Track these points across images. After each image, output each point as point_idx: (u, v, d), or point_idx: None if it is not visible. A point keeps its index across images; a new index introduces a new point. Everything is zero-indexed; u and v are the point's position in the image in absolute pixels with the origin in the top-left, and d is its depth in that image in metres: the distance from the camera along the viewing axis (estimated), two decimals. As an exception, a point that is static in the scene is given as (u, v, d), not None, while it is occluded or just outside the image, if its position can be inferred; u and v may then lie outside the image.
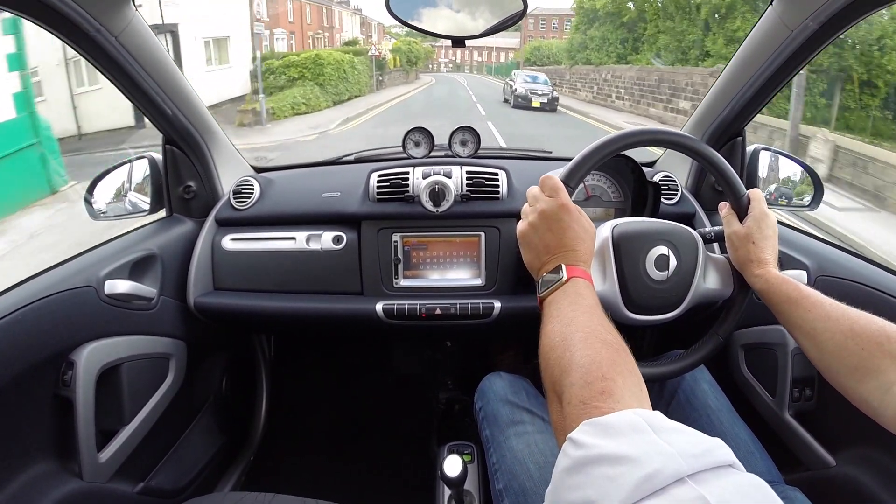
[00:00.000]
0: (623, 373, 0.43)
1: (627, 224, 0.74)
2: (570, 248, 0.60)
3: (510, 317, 0.98)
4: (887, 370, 0.51)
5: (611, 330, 0.49)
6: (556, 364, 0.47)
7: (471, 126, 1.17)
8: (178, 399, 1.03)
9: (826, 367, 0.58)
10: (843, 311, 0.57)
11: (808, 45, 0.81)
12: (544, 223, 0.62)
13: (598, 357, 0.44)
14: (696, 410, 0.78)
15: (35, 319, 0.73)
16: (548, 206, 0.62)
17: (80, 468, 0.80)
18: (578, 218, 0.62)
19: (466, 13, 0.87)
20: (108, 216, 1.05)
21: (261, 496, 0.72)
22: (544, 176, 0.66)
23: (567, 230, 0.61)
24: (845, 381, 0.55)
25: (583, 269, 0.58)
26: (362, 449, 1.42)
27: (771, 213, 0.71)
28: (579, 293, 0.55)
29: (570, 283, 0.56)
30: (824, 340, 0.57)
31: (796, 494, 0.66)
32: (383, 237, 1.03)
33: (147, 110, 0.96)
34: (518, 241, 0.65)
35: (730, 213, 0.72)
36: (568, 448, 0.37)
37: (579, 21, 21.72)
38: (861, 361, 0.53)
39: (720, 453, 0.34)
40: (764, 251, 0.68)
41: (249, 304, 1.02)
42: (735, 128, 1.03)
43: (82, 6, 0.73)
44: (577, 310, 0.52)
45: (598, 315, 0.51)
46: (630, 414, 0.37)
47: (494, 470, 0.75)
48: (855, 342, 0.54)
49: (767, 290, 0.66)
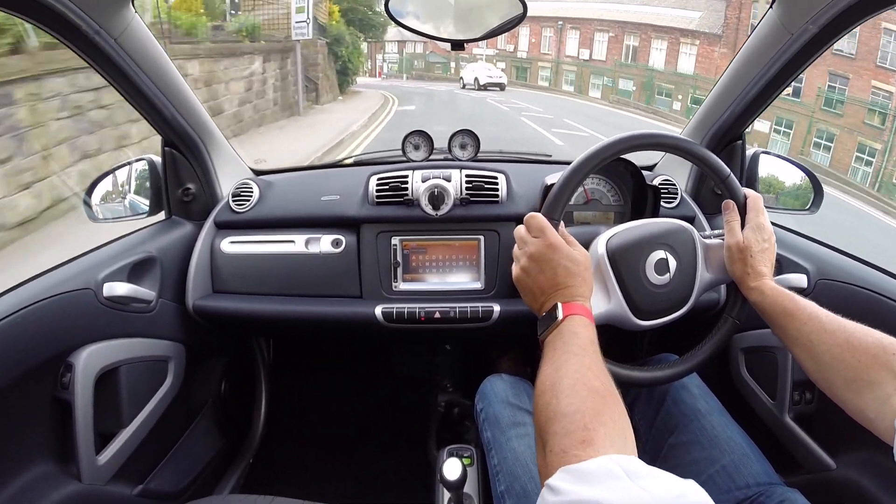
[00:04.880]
0: (606, 422, 0.44)
1: (620, 235, 0.73)
2: (564, 285, 0.61)
3: (509, 320, 0.98)
4: (884, 382, 0.51)
5: (600, 373, 0.50)
6: (544, 411, 0.48)
7: (470, 129, 1.17)
8: (177, 401, 1.03)
9: (823, 380, 0.58)
10: (839, 324, 0.57)
11: (807, 49, 0.81)
12: (535, 265, 0.63)
13: (581, 406, 0.45)
14: (686, 416, 0.77)
15: (34, 322, 0.73)
16: (535, 247, 0.63)
17: (78, 470, 0.80)
18: (569, 253, 0.62)
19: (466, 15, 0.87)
20: (106, 218, 1.05)
21: (260, 498, 0.72)
22: (528, 215, 0.67)
23: (558, 268, 0.61)
24: (842, 394, 0.56)
25: (579, 304, 0.59)
26: (361, 452, 1.42)
27: (768, 223, 0.71)
28: (574, 332, 0.55)
29: (565, 321, 0.57)
30: (821, 353, 0.57)
31: (796, 497, 0.66)
32: (382, 241, 1.03)
33: (146, 112, 0.96)
34: (516, 286, 0.67)
35: (732, 219, 0.72)
36: (545, 494, 0.38)
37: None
38: (857, 374, 0.54)
39: (694, 497, 0.35)
40: (760, 263, 0.68)
41: (248, 308, 1.02)
42: (735, 131, 1.03)
43: (81, 8, 0.73)
44: (569, 351, 0.53)
45: (589, 356, 0.52)
46: (606, 461, 0.38)
47: (496, 472, 0.75)
48: (851, 354, 0.54)
49: (763, 303, 0.66)
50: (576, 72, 22.24)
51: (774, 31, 0.83)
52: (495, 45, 25.40)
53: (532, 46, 24.88)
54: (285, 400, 1.52)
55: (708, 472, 0.71)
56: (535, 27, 24.13)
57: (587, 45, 21.72)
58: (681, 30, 17.80)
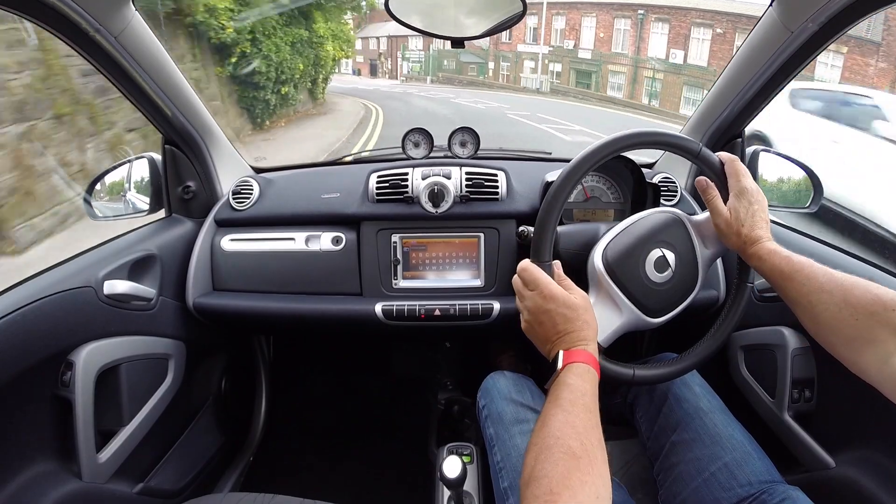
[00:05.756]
0: (573, 484, 0.45)
1: (613, 244, 0.73)
2: (565, 331, 0.62)
3: (509, 318, 0.98)
4: (885, 340, 0.50)
5: (583, 430, 0.50)
6: (524, 471, 0.50)
7: (470, 127, 1.17)
8: (178, 399, 1.03)
9: (824, 340, 0.58)
10: (837, 282, 0.56)
11: (807, 47, 0.81)
12: (535, 318, 0.65)
13: (552, 471, 0.47)
14: (689, 414, 0.78)
15: (34, 320, 0.73)
16: (532, 301, 0.65)
17: (79, 468, 0.80)
18: (565, 299, 0.63)
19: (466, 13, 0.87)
20: (106, 216, 1.05)
21: (260, 497, 0.72)
22: (519, 267, 0.68)
23: (557, 317, 0.63)
24: (844, 353, 0.55)
25: (580, 350, 0.60)
26: (361, 450, 1.42)
27: (749, 182, 0.69)
28: (567, 384, 0.56)
29: (563, 371, 0.58)
30: (819, 312, 0.57)
31: (798, 495, 0.66)
32: (382, 238, 1.03)
33: (147, 110, 0.96)
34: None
35: (711, 197, 0.71)
36: None
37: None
38: (857, 332, 0.53)
39: None
40: (753, 229, 0.67)
41: (248, 305, 1.02)
42: (735, 129, 1.03)
43: (82, 6, 0.73)
44: (559, 405, 0.54)
45: (577, 410, 0.53)
46: None
47: (499, 468, 0.75)
48: (849, 313, 0.53)
49: (761, 268, 0.65)
50: (661, 80, 15.51)
51: (774, 29, 0.83)
52: (549, 41, 18.82)
53: (600, 42, 17.54)
54: (285, 398, 1.52)
55: (710, 469, 0.71)
56: (604, 17, 17.27)
57: (680, 43, 14.96)
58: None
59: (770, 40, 0.85)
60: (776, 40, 0.83)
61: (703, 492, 0.70)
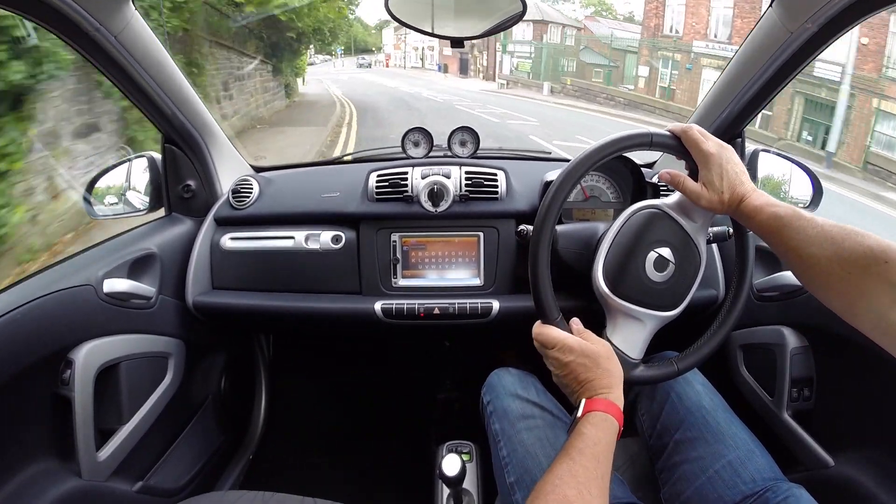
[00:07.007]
0: None
1: (609, 263, 0.73)
2: (586, 380, 0.63)
3: (509, 316, 0.98)
4: (879, 294, 0.49)
5: (584, 480, 0.52)
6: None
7: (470, 126, 1.17)
8: (177, 398, 1.03)
9: (820, 296, 0.56)
10: (827, 235, 0.54)
11: (807, 47, 0.81)
12: (559, 371, 0.66)
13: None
14: (691, 412, 0.78)
15: (34, 318, 0.73)
16: (553, 357, 0.67)
17: (78, 467, 0.80)
18: (584, 349, 0.65)
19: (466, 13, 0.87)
20: (106, 215, 1.05)
21: (259, 495, 0.72)
22: (533, 333, 0.69)
23: (577, 367, 0.64)
24: (838, 306, 0.54)
25: (601, 399, 0.61)
26: (360, 448, 1.42)
27: (710, 143, 0.66)
28: (581, 433, 0.58)
29: (582, 420, 0.60)
30: (810, 267, 0.55)
31: (801, 492, 0.66)
32: (382, 237, 1.03)
33: (146, 110, 0.96)
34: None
35: (680, 183, 0.68)
36: None
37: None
38: (849, 287, 0.51)
39: None
40: (733, 190, 0.64)
41: (248, 304, 1.02)
42: (735, 129, 1.03)
43: (82, 6, 0.73)
44: (567, 453, 0.55)
45: (583, 459, 0.54)
46: None
47: (505, 464, 0.75)
48: (841, 267, 0.52)
49: (752, 227, 0.63)
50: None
51: (774, 30, 0.83)
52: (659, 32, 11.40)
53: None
54: (285, 396, 1.53)
55: (714, 467, 0.71)
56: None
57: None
58: None
59: (770, 41, 0.85)
60: (776, 41, 0.83)
61: (707, 489, 0.70)
